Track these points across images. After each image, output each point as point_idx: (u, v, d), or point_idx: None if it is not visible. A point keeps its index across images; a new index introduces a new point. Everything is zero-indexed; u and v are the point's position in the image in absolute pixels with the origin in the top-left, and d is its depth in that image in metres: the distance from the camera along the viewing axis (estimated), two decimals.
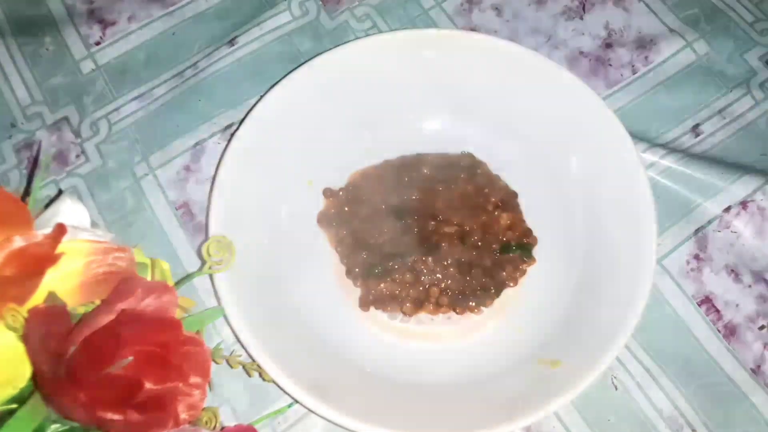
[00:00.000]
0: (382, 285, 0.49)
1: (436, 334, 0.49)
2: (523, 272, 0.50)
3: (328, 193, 0.52)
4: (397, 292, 0.49)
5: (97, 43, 0.57)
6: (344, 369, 0.46)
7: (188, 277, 0.41)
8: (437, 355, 0.48)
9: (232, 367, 0.44)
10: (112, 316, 0.32)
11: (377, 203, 0.51)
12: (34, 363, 0.31)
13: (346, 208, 0.52)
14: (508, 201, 0.52)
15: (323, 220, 0.51)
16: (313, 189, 0.52)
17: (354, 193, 0.52)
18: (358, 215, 0.51)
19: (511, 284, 0.49)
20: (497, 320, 0.49)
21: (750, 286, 0.50)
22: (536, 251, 0.50)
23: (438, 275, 0.49)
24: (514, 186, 0.52)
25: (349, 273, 0.50)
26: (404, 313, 0.49)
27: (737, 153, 0.54)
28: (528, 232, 0.51)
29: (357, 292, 0.49)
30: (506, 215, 0.51)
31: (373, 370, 0.46)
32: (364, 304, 0.49)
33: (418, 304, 0.48)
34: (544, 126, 0.51)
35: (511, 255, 0.50)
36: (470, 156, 0.53)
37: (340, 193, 0.52)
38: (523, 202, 0.52)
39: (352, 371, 0.46)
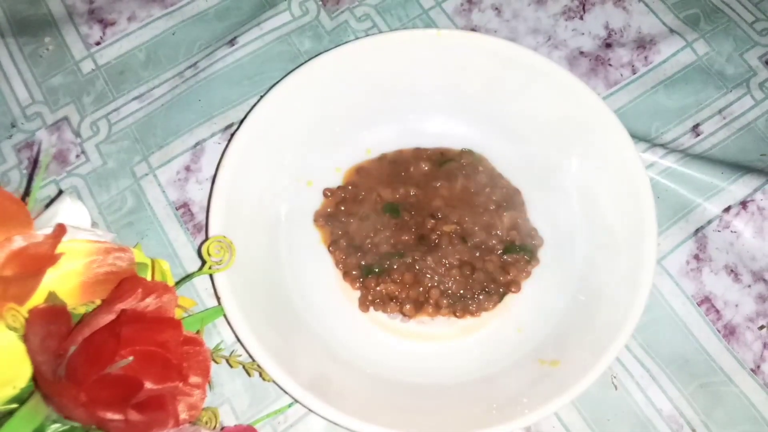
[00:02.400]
0: (380, 286, 0.49)
1: (437, 334, 0.49)
2: (528, 274, 0.50)
3: (327, 192, 0.52)
4: (397, 292, 0.49)
5: (97, 43, 0.57)
6: (344, 368, 0.46)
7: (188, 277, 0.42)
8: (437, 354, 0.48)
9: (232, 366, 0.44)
10: (112, 316, 0.33)
11: (373, 200, 0.51)
12: (35, 363, 0.31)
13: (343, 207, 0.51)
14: (512, 199, 0.52)
15: (319, 219, 0.51)
16: (313, 189, 0.52)
17: (349, 191, 0.52)
18: (354, 213, 0.51)
19: (514, 290, 0.49)
20: (497, 320, 0.49)
21: (749, 286, 0.50)
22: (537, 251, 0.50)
23: (438, 276, 0.49)
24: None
25: (346, 275, 0.49)
26: (404, 315, 0.48)
27: (737, 153, 0.54)
28: (533, 233, 0.51)
29: (357, 291, 0.49)
30: (509, 214, 0.51)
31: (373, 370, 0.46)
32: (363, 305, 0.49)
33: (418, 306, 0.48)
34: (543, 126, 0.51)
35: (515, 256, 0.50)
36: (470, 152, 0.53)
37: (338, 190, 0.52)
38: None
39: (352, 371, 0.46)
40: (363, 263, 0.49)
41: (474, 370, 0.47)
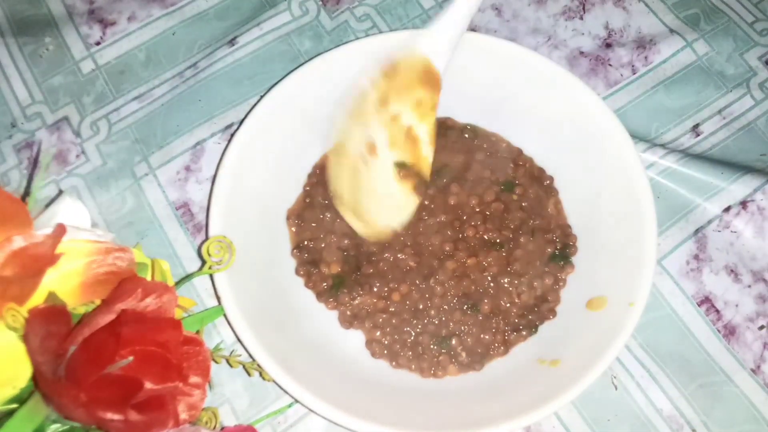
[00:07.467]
0: (357, 300, 0.47)
1: None
2: (564, 284, 0.48)
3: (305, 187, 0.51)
4: (372, 303, 0.47)
5: (97, 43, 0.57)
6: (344, 368, 0.46)
7: (188, 277, 0.42)
8: None
9: (232, 366, 0.44)
10: (112, 316, 0.32)
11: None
12: (35, 363, 0.31)
13: (308, 200, 0.50)
14: (541, 180, 0.50)
15: (290, 217, 0.50)
16: None
17: (317, 175, 0.49)
18: (318, 208, 0.49)
19: (551, 316, 0.47)
20: None
21: (749, 286, 0.50)
22: None
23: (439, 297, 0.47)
24: None
25: (320, 296, 0.48)
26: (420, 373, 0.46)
27: (737, 153, 0.54)
28: (568, 229, 0.49)
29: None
30: (554, 200, 0.49)
31: (373, 370, 0.46)
32: (345, 322, 0.47)
33: (426, 364, 0.46)
34: (543, 126, 0.51)
35: (558, 266, 0.48)
36: (476, 128, 0.52)
37: (309, 179, 0.50)
38: None
39: (352, 370, 0.46)
40: (331, 277, 0.48)
41: (474, 369, 0.46)
